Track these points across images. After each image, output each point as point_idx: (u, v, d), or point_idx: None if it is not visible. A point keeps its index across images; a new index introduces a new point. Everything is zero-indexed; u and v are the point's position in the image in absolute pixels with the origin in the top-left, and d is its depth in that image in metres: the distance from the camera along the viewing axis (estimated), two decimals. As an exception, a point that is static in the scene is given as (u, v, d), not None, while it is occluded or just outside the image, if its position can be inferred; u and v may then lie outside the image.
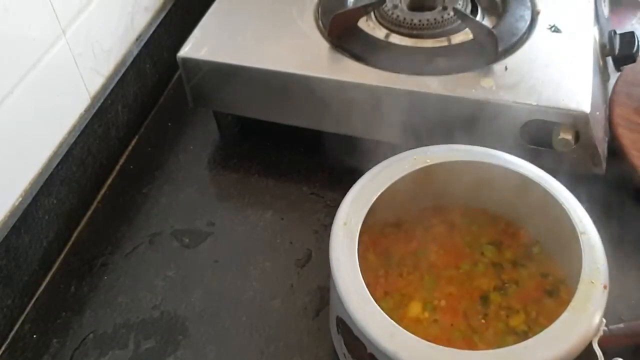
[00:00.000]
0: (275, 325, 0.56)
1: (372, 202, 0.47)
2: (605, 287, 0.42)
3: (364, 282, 0.43)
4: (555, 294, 0.49)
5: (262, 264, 0.60)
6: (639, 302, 0.55)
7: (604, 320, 0.41)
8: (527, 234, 0.52)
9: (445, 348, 0.40)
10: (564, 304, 0.47)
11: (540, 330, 0.46)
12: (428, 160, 0.49)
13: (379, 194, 0.47)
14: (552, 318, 0.46)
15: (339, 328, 0.46)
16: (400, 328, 0.40)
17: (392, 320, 0.41)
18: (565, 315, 0.40)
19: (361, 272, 0.43)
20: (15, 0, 0.53)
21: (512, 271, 0.51)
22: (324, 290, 0.57)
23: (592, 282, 0.42)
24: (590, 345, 0.40)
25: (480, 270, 0.51)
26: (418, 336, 0.40)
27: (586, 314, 0.40)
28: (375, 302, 0.42)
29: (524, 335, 0.47)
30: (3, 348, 0.55)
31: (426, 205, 0.54)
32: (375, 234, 0.51)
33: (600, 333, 0.41)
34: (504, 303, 0.49)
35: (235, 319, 0.56)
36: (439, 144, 0.52)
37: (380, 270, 0.50)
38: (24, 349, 0.55)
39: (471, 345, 0.46)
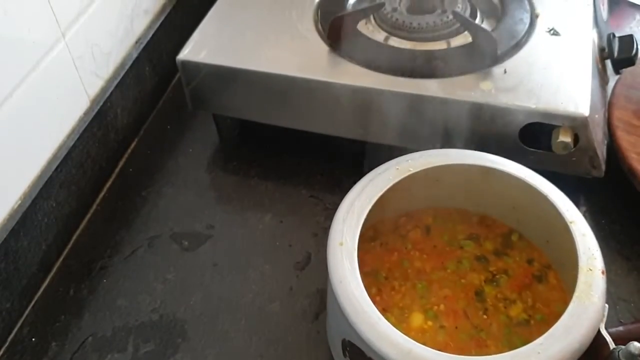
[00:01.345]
0: (275, 328, 0.56)
1: (364, 218, 0.46)
2: (603, 272, 0.43)
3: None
4: (544, 279, 0.50)
5: (261, 267, 0.60)
6: (639, 305, 0.55)
7: (607, 305, 0.42)
8: (502, 224, 0.53)
9: (466, 357, 0.39)
10: (555, 289, 0.49)
11: (540, 317, 0.47)
12: (411, 169, 0.49)
13: (368, 209, 0.47)
14: (548, 303, 0.48)
15: (345, 351, 0.45)
16: (418, 344, 0.39)
17: (408, 337, 0.40)
18: (572, 307, 0.41)
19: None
20: (15, 3, 0.53)
21: (498, 261, 0.51)
22: (323, 293, 0.57)
23: (590, 270, 0.42)
24: (598, 331, 0.41)
25: (467, 267, 0.51)
26: (428, 346, 0.40)
27: (591, 301, 0.41)
28: (387, 321, 0.41)
29: (526, 324, 0.47)
30: (2, 351, 0.55)
31: (398, 213, 0.54)
32: (359, 251, 0.51)
33: (605, 317, 0.41)
34: (499, 294, 0.49)
35: (235, 322, 0.56)
36: (438, 147, 0.52)
37: (372, 288, 0.50)
38: (23, 352, 0.55)
39: (480, 343, 0.47)
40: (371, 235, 0.53)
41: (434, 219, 0.54)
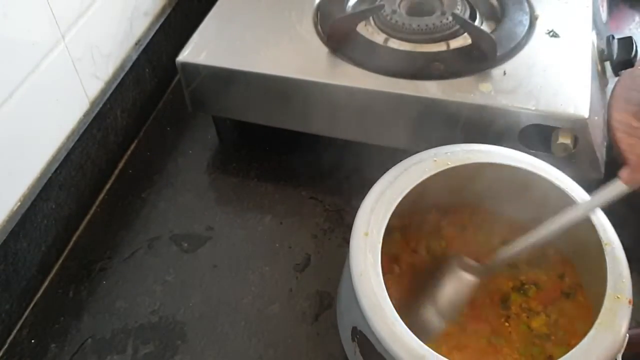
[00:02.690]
0: (274, 330, 0.55)
1: (393, 209, 0.44)
2: (630, 302, 0.41)
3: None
4: (572, 296, 0.48)
5: (261, 269, 0.60)
6: (639, 307, 0.55)
7: (627, 335, 0.40)
8: None
9: None
10: (581, 307, 0.47)
11: (562, 334, 0.46)
12: (449, 163, 0.47)
13: (399, 199, 0.44)
14: (572, 321, 0.47)
15: (355, 337, 0.44)
16: (432, 352, 0.39)
17: (422, 343, 0.39)
18: (593, 333, 0.39)
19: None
20: (14, 5, 0.53)
21: (529, 271, 0.50)
22: (323, 295, 0.57)
23: (618, 297, 0.41)
24: None
25: (497, 271, 0.50)
26: (445, 346, 0.39)
27: (613, 330, 0.39)
28: (404, 323, 0.40)
29: (546, 338, 0.46)
30: (1, 353, 0.55)
31: (430, 207, 0.52)
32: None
33: (624, 347, 0.40)
34: (524, 304, 0.48)
35: (234, 324, 0.56)
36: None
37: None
38: (22, 354, 0.55)
39: (497, 350, 0.46)
40: (397, 226, 0.50)
41: (470, 217, 0.52)
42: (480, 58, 0.59)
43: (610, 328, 0.39)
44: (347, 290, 0.43)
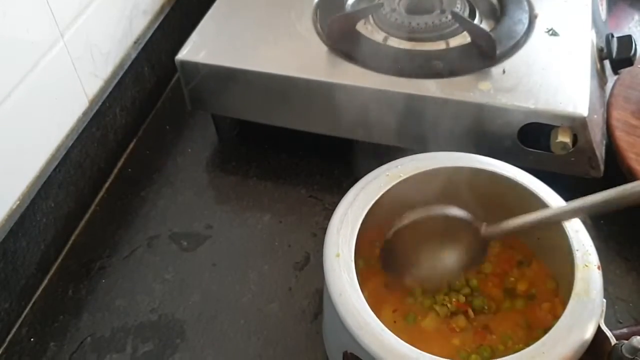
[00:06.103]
0: (274, 328, 0.56)
1: (358, 228, 0.46)
2: (599, 267, 0.43)
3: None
4: (525, 264, 0.51)
5: (260, 267, 0.60)
6: (637, 305, 0.55)
7: (604, 300, 0.42)
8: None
9: None
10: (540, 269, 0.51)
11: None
12: (401, 175, 0.49)
13: (362, 219, 0.46)
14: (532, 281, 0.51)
15: None
16: (425, 353, 0.39)
17: (413, 347, 0.40)
18: (571, 304, 0.41)
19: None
20: (13, 3, 0.53)
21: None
22: (322, 294, 0.57)
23: (586, 266, 0.43)
24: (599, 327, 0.41)
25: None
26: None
27: (590, 298, 0.41)
28: (391, 332, 0.40)
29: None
30: (0, 352, 0.55)
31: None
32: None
33: (604, 312, 0.42)
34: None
35: (233, 323, 0.56)
36: (437, 147, 0.52)
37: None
38: (21, 352, 0.55)
39: (484, 335, 0.47)
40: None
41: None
42: (480, 56, 0.59)
43: (586, 296, 0.41)
44: (331, 315, 0.44)
